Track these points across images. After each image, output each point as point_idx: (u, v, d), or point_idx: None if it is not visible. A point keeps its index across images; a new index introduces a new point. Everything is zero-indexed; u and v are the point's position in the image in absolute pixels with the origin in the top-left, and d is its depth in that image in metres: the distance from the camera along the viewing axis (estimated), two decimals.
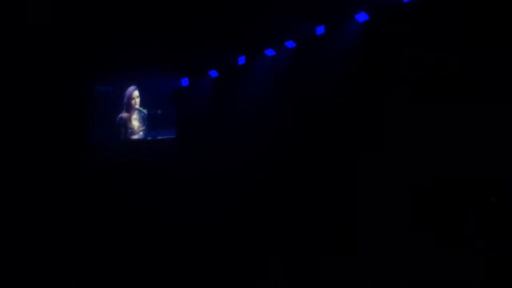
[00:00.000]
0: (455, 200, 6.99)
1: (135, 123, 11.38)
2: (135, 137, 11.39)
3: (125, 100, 11.40)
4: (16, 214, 10.17)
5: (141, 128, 11.40)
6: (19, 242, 9.92)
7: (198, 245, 9.76)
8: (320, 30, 9.72)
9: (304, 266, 8.33)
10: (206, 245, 9.65)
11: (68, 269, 9.60)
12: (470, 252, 6.72)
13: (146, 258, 9.74)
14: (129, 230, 10.27)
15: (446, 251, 6.97)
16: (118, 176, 11.02)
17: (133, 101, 11.40)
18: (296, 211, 9.13)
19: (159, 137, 11.47)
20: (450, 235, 6.94)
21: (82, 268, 9.63)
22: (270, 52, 10.53)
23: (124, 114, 11.41)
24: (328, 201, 8.75)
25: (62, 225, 10.22)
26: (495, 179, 6.70)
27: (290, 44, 10.18)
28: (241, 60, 11.03)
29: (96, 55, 10.67)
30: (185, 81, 11.85)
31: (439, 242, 7.10)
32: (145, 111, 11.40)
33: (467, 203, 6.84)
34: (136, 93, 11.41)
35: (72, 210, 10.44)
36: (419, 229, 7.30)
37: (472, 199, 6.81)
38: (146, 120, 11.42)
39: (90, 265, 9.67)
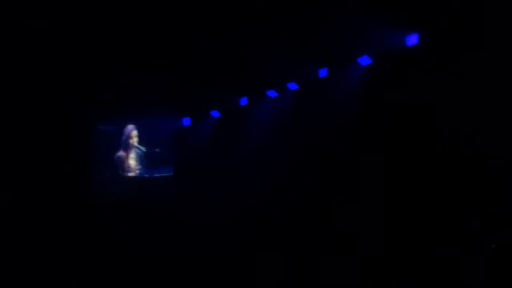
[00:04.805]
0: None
1: (132, 161, 11.31)
2: (132, 175, 11.33)
3: (123, 138, 11.34)
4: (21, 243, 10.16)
5: (137, 167, 11.35)
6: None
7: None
8: (323, 72, 9.52)
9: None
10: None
11: None
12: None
13: None
14: (126, 263, 10.16)
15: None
16: (116, 210, 10.96)
17: (131, 140, 11.34)
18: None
19: (156, 175, 11.41)
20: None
21: None
22: (272, 93, 10.37)
23: (121, 153, 11.34)
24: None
25: (64, 258, 10.16)
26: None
27: (292, 86, 10.00)
28: (243, 101, 10.93)
29: (99, 94, 10.66)
30: (186, 121, 11.82)
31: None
32: (143, 149, 11.35)
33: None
34: (134, 132, 11.36)
35: (71, 244, 10.37)
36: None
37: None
38: (143, 158, 11.38)
39: None
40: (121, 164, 11.27)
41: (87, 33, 8.77)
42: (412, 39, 8.23)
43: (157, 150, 11.39)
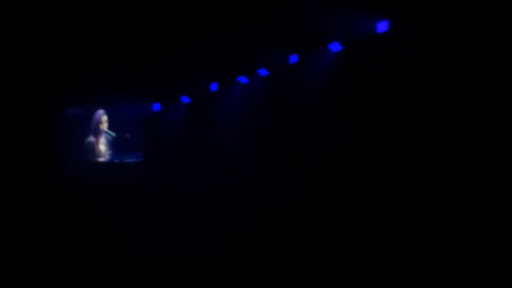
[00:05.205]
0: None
1: (102, 147, 11.30)
2: (102, 160, 11.28)
3: (93, 123, 11.31)
4: None
5: (107, 152, 11.32)
6: None
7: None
8: (293, 58, 9.51)
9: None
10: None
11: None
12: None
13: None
14: (97, 249, 10.03)
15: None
16: (87, 196, 10.88)
17: (101, 126, 11.32)
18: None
19: (127, 160, 11.36)
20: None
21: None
22: (243, 79, 10.36)
23: (91, 138, 11.35)
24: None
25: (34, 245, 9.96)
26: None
27: (263, 72, 10.00)
28: (214, 86, 10.89)
29: (67, 78, 10.50)
30: (157, 106, 11.75)
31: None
32: (113, 134, 11.31)
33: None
34: (104, 117, 11.34)
35: (41, 233, 10.19)
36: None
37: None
38: (113, 144, 11.33)
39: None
40: (91, 149, 11.26)
41: (56, 18, 8.63)
42: (382, 26, 8.25)
43: (127, 135, 11.34)
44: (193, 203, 10.41)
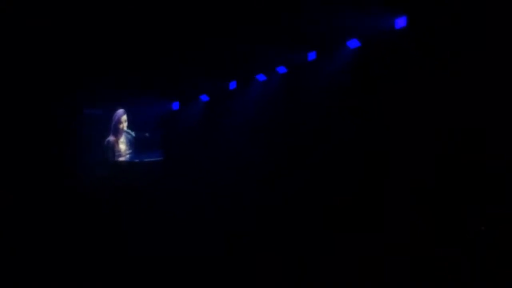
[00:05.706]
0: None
1: (122, 146, 11.40)
2: (122, 159, 11.35)
3: (113, 123, 11.42)
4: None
5: (127, 151, 11.40)
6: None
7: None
8: (311, 56, 9.47)
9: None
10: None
11: None
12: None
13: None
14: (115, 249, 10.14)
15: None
16: (106, 195, 10.99)
17: (121, 125, 11.44)
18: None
19: (146, 159, 11.41)
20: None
21: None
22: (261, 77, 10.33)
23: (111, 138, 11.48)
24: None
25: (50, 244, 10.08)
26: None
27: (281, 69, 9.96)
28: (232, 85, 10.90)
29: (87, 79, 10.57)
30: (176, 105, 11.77)
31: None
32: (133, 133, 11.41)
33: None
34: (124, 117, 11.45)
35: (60, 230, 10.30)
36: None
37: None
38: (133, 143, 11.39)
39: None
40: (112, 149, 11.38)
41: (73, 18, 8.67)
42: (401, 22, 8.12)
43: (147, 134, 11.43)
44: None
